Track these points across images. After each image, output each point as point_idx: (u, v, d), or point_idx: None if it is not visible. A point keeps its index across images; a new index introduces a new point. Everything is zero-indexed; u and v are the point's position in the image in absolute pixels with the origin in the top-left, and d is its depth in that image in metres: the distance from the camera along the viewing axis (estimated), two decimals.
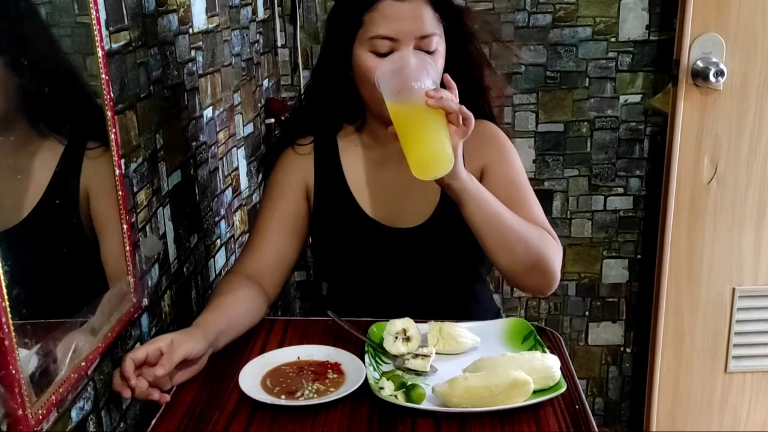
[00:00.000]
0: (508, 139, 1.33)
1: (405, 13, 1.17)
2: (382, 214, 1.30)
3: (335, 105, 1.30)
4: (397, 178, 1.29)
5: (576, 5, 2.14)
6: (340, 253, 1.33)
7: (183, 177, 1.31)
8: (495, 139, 1.32)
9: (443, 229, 1.27)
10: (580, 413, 0.98)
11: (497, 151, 1.31)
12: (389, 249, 1.29)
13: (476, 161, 1.29)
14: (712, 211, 2.17)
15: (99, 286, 0.97)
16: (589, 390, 2.47)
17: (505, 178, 1.28)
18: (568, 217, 2.31)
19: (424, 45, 1.18)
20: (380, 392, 0.99)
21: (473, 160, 1.28)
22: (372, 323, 1.18)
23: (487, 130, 1.32)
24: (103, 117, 0.94)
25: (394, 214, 1.29)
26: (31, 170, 0.84)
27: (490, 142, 1.31)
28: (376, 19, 1.18)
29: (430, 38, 1.18)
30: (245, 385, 1.02)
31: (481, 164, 1.29)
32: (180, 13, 1.29)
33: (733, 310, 2.23)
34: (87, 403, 0.93)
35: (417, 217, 1.28)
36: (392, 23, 1.17)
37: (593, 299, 2.38)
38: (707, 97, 2.09)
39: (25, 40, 0.83)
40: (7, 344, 0.70)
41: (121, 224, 0.99)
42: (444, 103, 1.05)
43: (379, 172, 1.31)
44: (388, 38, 1.17)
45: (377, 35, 1.17)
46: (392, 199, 1.30)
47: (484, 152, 1.29)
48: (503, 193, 1.23)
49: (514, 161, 1.31)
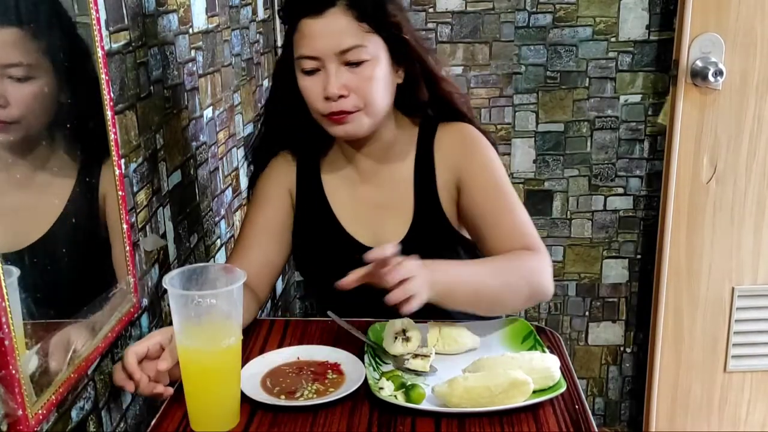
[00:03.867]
0: (486, 140, 1.30)
1: (322, 28, 1.15)
2: (360, 231, 1.29)
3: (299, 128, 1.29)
4: (372, 196, 1.30)
5: (576, 5, 2.14)
6: (319, 267, 1.32)
7: (183, 177, 1.31)
8: (470, 143, 1.28)
9: (419, 246, 1.23)
10: (580, 413, 0.98)
11: (474, 156, 1.27)
12: None
13: (453, 169, 1.27)
14: (711, 210, 2.17)
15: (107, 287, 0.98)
16: (589, 390, 2.47)
17: (485, 186, 1.25)
18: (568, 217, 2.31)
19: (350, 58, 1.16)
20: (380, 392, 0.99)
21: (449, 169, 1.27)
22: (372, 323, 1.18)
23: (461, 133, 1.29)
24: None
25: (371, 231, 1.29)
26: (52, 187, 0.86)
27: (466, 147, 1.28)
28: (298, 40, 1.18)
29: (355, 51, 1.16)
30: (245, 385, 1.02)
31: (458, 172, 1.26)
32: (180, 13, 1.29)
33: (732, 310, 2.24)
34: (87, 403, 0.93)
35: (393, 235, 1.27)
36: (310, 42, 1.16)
37: (593, 299, 2.38)
38: (706, 96, 2.09)
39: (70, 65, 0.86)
40: (8, 344, 0.71)
41: (121, 224, 0.99)
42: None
43: (356, 190, 1.31)
44: (309, 57, 1.17)
45: (300, 55, 1.18)
46: (370, 216, 1.30)
47: (461, 158, 1.27)
48: (485, 203, 1.23)
49: (493, 166, 1.27)
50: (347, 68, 1.17)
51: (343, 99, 1.17)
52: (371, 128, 1.23)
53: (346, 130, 1.21)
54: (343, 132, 1.21)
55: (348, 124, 1.19)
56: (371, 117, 1.21)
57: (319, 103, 1.18)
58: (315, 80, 1.18)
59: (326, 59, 1.16)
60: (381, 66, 1.19)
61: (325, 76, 1.17)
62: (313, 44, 1.16)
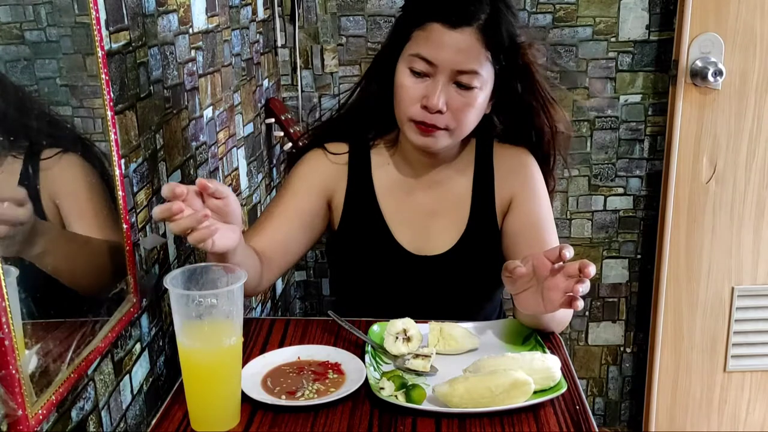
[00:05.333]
0: (540, 173, 1.31)
1: (451, 42, 1.14)
2: (408, 239, 1.29)
3: (374, 115, 1.29)
4: (425, 204, 1.29)
5: (576, 5, 2.14)
6: (360, 271, 1.32)
7: (183, 177, 1.30)
8: (527, 169, 1.30)
9: (466, 258, 1.27)
10: (580, 413, 0.98)
11: (527, 183, 1.29)
12: (411, 276, 1.28)
13: (506, 189, 1.28)
14: (711, 210, 2.17)
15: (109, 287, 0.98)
16: (589, 390, 2.47)
17: (531, 216, 1.27)
18: (568, 217, 2.31)
19: (463, 80, 1.15)
20: (380, 392, 0.99)
21: (503, 188, 1.28)
22: (372, 323, 1.18)
23: (521, 158, 1.30)
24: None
25: (419, 240, 1.28)
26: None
27: (522, 172, 1.29)
28: (422, 38, 1.16)
29: (470, 75, 1.15)
30: (245, 385, 1.02)
31: (509, 194, 1.28)
32: (180, 13, 1.29)
33: (732, 310, 2.24)
34: (87, 403, 0.93)
35: (442, 244, 1.27)
36: (435, 48, 1.14)
37: (593, 299, 2.38)
38: (706, 96, 2.09)
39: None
40: (8, 344, 0.70)
41: (121, 224, 0.99)
42: None
43: (409, 195, 1.30)
44: (426, 60, 1.15)
45: (417, 54, 1.16)
46: (419, 224, 1.29)
47: (515, 181, 1.29)
48: (528, 231, 1.25)
49: (541, 197, 1.29)
50: (455, 87, 1.16)
51: (438, 114, 1.16)
52: (449, 147, 1.24)
53: (427, 143, 1.20)
54: (423, 143, 1.20)
55: (431, 138, 1.19)
56: (454, 138, 1.21)
57: (413, 107, 1.17)
58: (419, 84, 1.17)
59: (440, 71, 1.15)
60: (484, 95, 1.19)
61: (432, 85, 1.16)
62: (436, 52, 1.14)
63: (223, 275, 0.97)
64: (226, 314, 0.93)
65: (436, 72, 1.15)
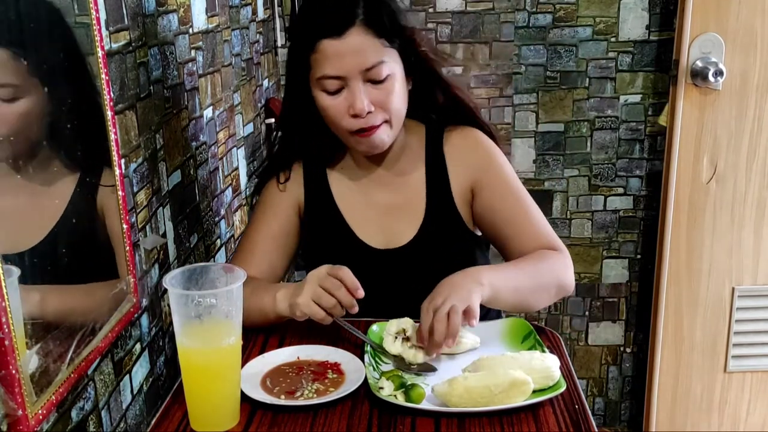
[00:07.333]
0: (495, 144, 1.33)
1: (345, 48, 1.16)
2: (371, 236, 1.31)
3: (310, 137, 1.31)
4: (383, 200, 1.32)
5: (576, 5, 2.14)
6: None
7: (183, 177, 1.31)
8: (483, 149, 1.32)
9: (429, 246, 1.29)
10: (580, 413, 0.98)
11: (486, 161, 1.31)
12: (380, 271, 1.29)
13: (467, 174, 1.30)
14: (711, 210, 2.17)
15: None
16: (589, 390, 2.47)
17: (503, 193, 1.29)
18: (568, 217, 2.31)
19: (373, 75, 1.18)
20: (380, 392, 0.99)
21: (463, 173, 1.30)
22: (372, 323, 1.18)
23: (471, 135, 1.32)
24: None
25: (382, 235, 1.31)
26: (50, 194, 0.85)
27: (477, 149, 1.31)
28: (319, 60, 1.18)
29: (378, 67, 1.17)
30: (245, 385, 1.02)
31: (472, 177, 1.30)
32: (180, 13, 1.29)
33: (732, 310, 2.24)
34: (87, 403, 0.93)
35: (404, 237, 1.30)
36: (334, 62, 1.17)
37: (593, 299, 2.38)
38: (706, 97, 2.09)
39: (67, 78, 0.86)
40: (8, 344, 0.70)
41: (121, 224, 0.99)
42: None
43: (366, 195, 1.33)
44: (333, 77, 1.18)
45: (323, 75, 1.18)
46: (380, 220, 1.32)
47: (472, 159, 1.30)
48: (504, 210, 1.27)
49: (505, 171, 1.31)
50: (371, 84, 1.18)
51: (370, 115, 1.19)
52: (393, 139, 1.26)
53: (373, 144, 1.23)
54: (370, 146, 1.24)
55: (376, 137, 1.21)
56: (395, 128, 1.24)
57: (345, 121, 1.20)
58: (339, 98, 1.19)
59: (350, 78, 1.17)
60: (399, 78, 1.21)
61: (349, 94, 1.18)
62: (337, 64, 1.16)
63: (223, 275, 0.97)
64: (225, 314, 0.93)
65: (347, 81, 1.18)
